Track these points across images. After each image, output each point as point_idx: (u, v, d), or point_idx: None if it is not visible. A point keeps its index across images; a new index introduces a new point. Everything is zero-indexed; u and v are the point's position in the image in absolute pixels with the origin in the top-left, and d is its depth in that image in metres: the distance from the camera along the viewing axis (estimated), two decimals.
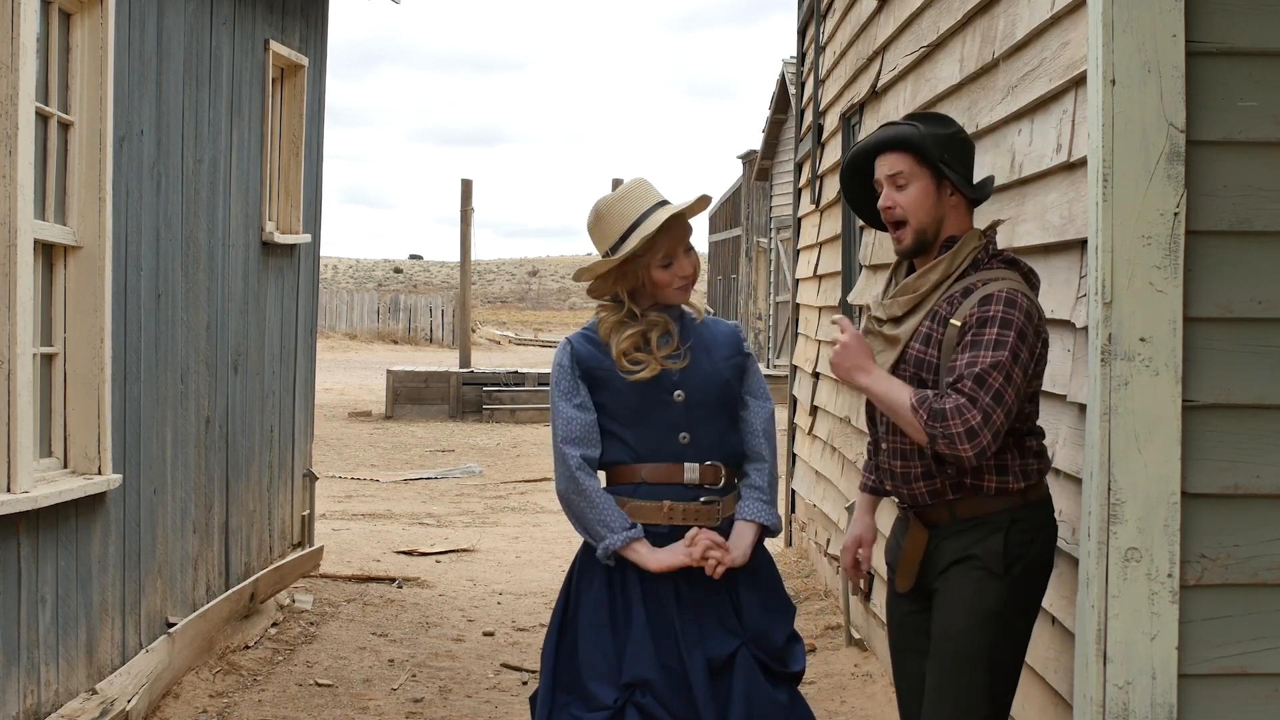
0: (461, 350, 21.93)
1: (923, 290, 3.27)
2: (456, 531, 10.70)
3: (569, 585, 3.65)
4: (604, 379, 3.57)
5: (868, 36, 6.58)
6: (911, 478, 3.27)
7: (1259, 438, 2.93)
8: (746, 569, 3.60)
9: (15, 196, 4.31)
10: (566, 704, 3.53)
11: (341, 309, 44.16)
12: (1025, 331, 3.10)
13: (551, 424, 3.63)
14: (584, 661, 3.53)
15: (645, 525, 3.54)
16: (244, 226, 6.83)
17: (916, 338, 3.25)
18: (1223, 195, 2.91)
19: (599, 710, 3.47)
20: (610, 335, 3.59)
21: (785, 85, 23.40)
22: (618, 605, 3.54)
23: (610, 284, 3.63)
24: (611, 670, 3.50)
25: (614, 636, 3.52)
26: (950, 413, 3.05)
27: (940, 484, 3.23)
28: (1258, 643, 2.93)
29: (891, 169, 3.28)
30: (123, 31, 5.22)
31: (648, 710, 3.44)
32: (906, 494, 3.30)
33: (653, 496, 3.54)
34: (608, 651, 3.51)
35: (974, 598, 3.22)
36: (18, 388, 4.33)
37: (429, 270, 77.54)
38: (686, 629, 3.50)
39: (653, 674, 3.46)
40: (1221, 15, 2.91)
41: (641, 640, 3.49)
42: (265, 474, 7.36)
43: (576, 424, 3.56)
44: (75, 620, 4.93)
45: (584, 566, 3.61)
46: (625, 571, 3.54)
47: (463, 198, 21.46)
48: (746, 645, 3.52)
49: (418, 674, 6.48)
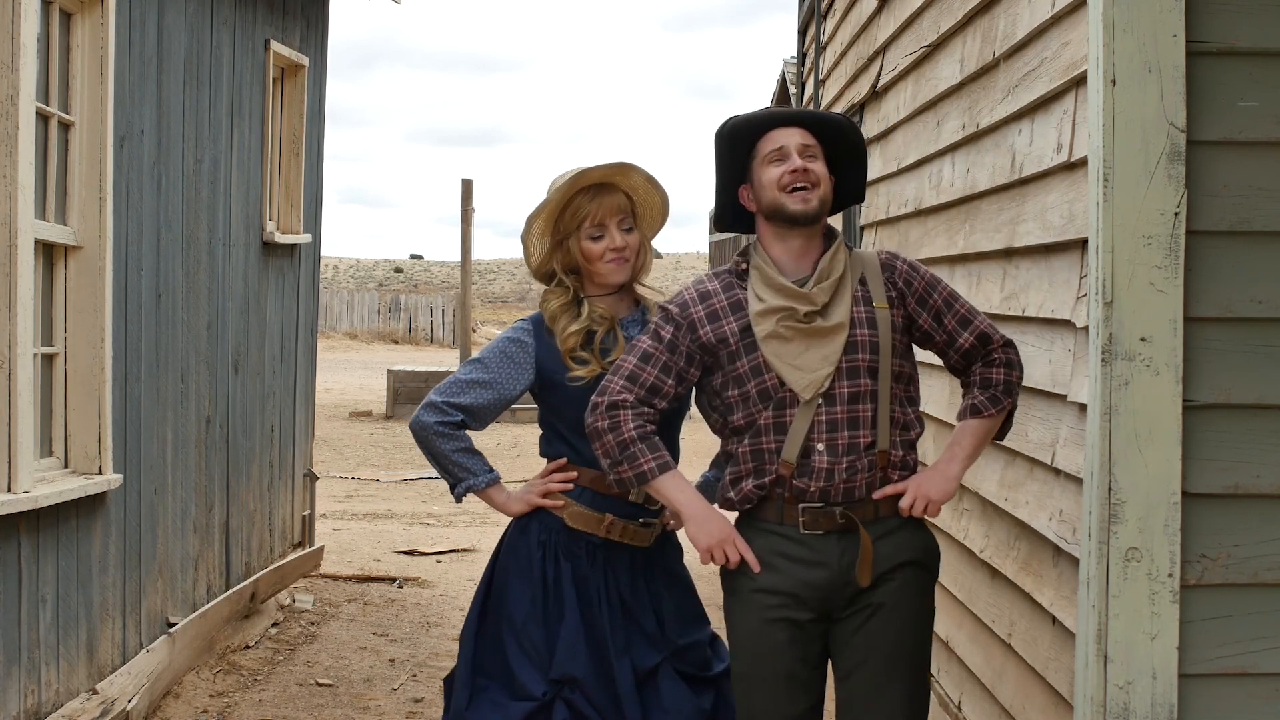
0: (462, 350, 21.91)
1: (837, 274, 3.26)
2: (457, 531, 10.70)
3: (492, 570, 3.62)
4: (557, 381, 3.54)
5: (868, 36, 6.58)
6: (858, 470, 3.21)
7: (1259, 438, 2.93)
8: (670, 576, 3.61)
9: (16, 196, 4.31)
10: (486, 688, 3.48)
11: (342, 309, 44.14)
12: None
13: (457, 371, 3.60)
14: (511, 649, 3.48)
15: (579, 532, 3.51)
16: (244, 226, 6.83)
17: (858, 323, 3.24)
18: (1223, 195, 2.91)
19: (526, 700, 3.42)
20: (555, 319, 3.56)
21: (786, 85, 23.40)
22: (549, 598, 3.50)
23: (549, 258, 3.61)
24: (540, 662, 3.45)
25: (545, 628, 3.48)
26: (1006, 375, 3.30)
27: (874, 477, 3.23)
28: (1258, 643, 2.93)
29: (805, 140, 3.29)
30: (123, 32, 5.22)
31: (577, 707, 3.40)
32: (844, 488, 3.21)
33: (596, 507, 3.51)
34: (537, 642, 3.47)
35: (925, 606, 3.30)
36: (18, 387, 4.33)
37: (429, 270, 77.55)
38: (615, 635, 3.47)
39: (583, 673, 3.42)
40: (1222, 15, 2.91)
41: (574, 638, 3.45)
42: (266, 474, 7.36)
43: (481, 397, 3.55)
44: (76, 620, 4.93)
45: (513, 553, 3.58)
46: (559, 566, 3.51)
47: (463, 198, 21.45)
48: (669, 660, 3.50)
49: (418, 674, 6.48)
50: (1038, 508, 3.64)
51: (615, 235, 3.52)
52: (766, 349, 3.22)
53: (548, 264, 3.61)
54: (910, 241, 5.42)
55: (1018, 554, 3.85)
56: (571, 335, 3.51)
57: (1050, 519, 3.53)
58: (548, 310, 3.57)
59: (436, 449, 3.54)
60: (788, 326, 3.21)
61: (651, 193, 3.61)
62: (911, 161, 5.41)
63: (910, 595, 3.25)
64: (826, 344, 3.20)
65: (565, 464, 3.56)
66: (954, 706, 4.61)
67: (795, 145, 3.27)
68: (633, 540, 3.53)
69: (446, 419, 3.52)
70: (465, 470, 3.57)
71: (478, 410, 3.55)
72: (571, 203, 3.54)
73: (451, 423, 3.53)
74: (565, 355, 3.51)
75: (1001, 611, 4.00)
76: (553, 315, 3.56)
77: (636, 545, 3.54)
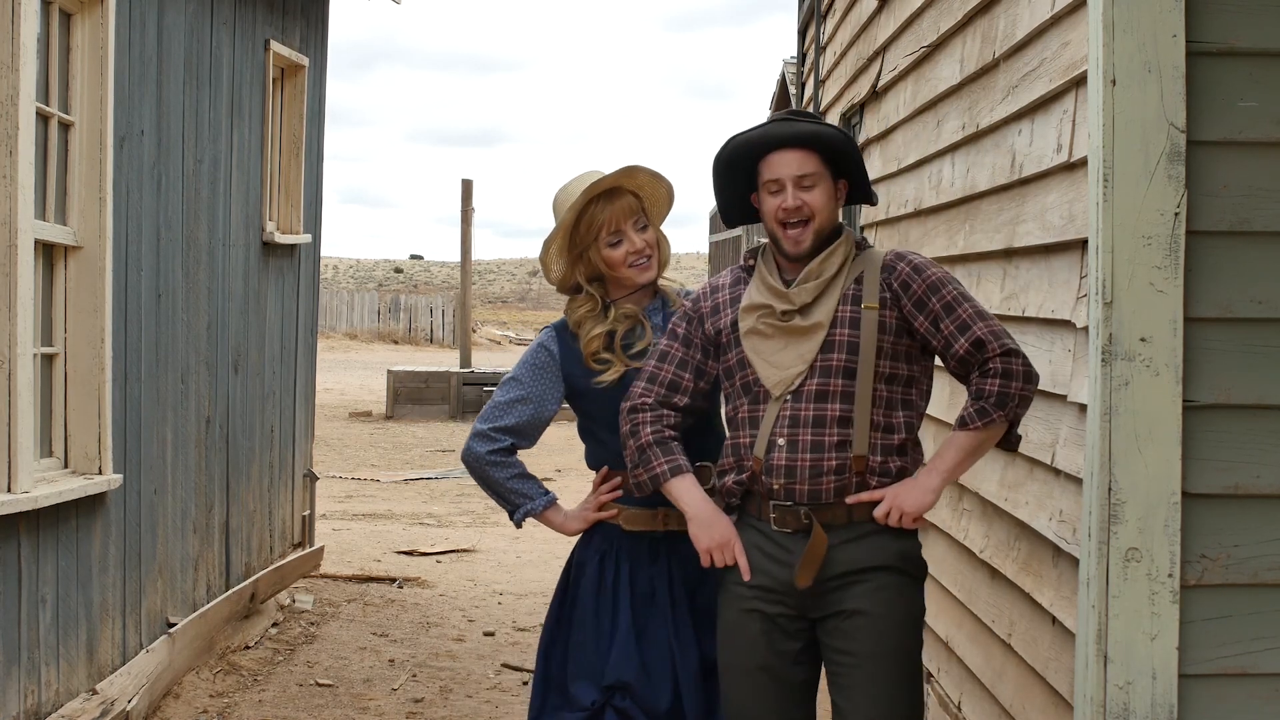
0: (462, 350, 21.92)
1: (828, 275, 3.25)
2: (457, 531, 10.70)
3: (565, 583, 3.65)
4: (582, 386, 3.56)
5: (868, 37, 6.57)
6: (822, 471, 3.19)
7: (1259, 438, 2.92)
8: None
9: (16, 196, 4.31)
10: (558, 706, 3.53)
11: (342, 309, 44.13)
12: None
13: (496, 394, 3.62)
14: (571, 661, 3.52)
15: (639, 532, 3.53)
16: (244, 226, 6.83)
17: (840, 322, 3.22)
18: (1223, 195, 2.91)
19: (578, 711, 3.46)
20: (580, 325, 3.58)
21: (786, 85, 23.38)
22: (605, 605, 3.52)
23: (570, 272, 3.62)
24: (595, 671, 3.48)
25: (597, 639, 3.51)
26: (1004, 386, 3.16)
27: (848, 480, 3.19)
28: (1258, 643, 2.93)
29: (801, 169, 3.25)
30: (123, 32, 5.22)
31: (626, 714, 3.42)
32: (808, 490, 3.20)
33: (648, 504, 3.52)
34: (592, 652, 3.50)
35: (907, 611, 3.25)
36: (18, 388, 4.33)
37: (429, 270, 77.50)
38: (681, 628, 3.49)
39: (633, 676, 3.43)
40: (1221, 15, 2.91)
41: (626, 641, 3.47)
42: (266, 474, 7.35)
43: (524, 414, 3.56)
44: (76, 620, 4.92)
45: (580, 569, 3.61)
46: (618, 570, 3.53)
47: (463, 198, 21.46)
48: None
49: (418, 674, 6.48)
50: (1038, 508, 3.64)
51: (633, 238, 3.55)
52: (746, 344, 3.29)
53: (570, 278, 3.63)
54: (910, 242, 5.42)
55: (1018, 554, 3.85)
56: (595, 338, 3.54)
57: (1050, 519, 3.53)
58: (574, 317, 3.60)
59: (491, 478, 3.58)
60: (767, 324, 3.28)
61: (656, 185, 3.63)
62: (911, 162, 5.41)
63: (884, 601, 3.20)
64: (803, 342, 3.23)
65: (608, 473, 3.58)
66: (954, 706, 4.61)
67: (790, 177, 3.26)
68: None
69: (497, 445, 3.56)
70: (522, 496, 3.60)
71: (523, 429, 3.59)
72: (584, 215, 3.56)
73: (502, 448, 3.56)
74: (588, 359, 3.53)
75: (1001, 611, 4.00)
76: (578, 321, 3.59)
77: None
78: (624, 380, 3.50)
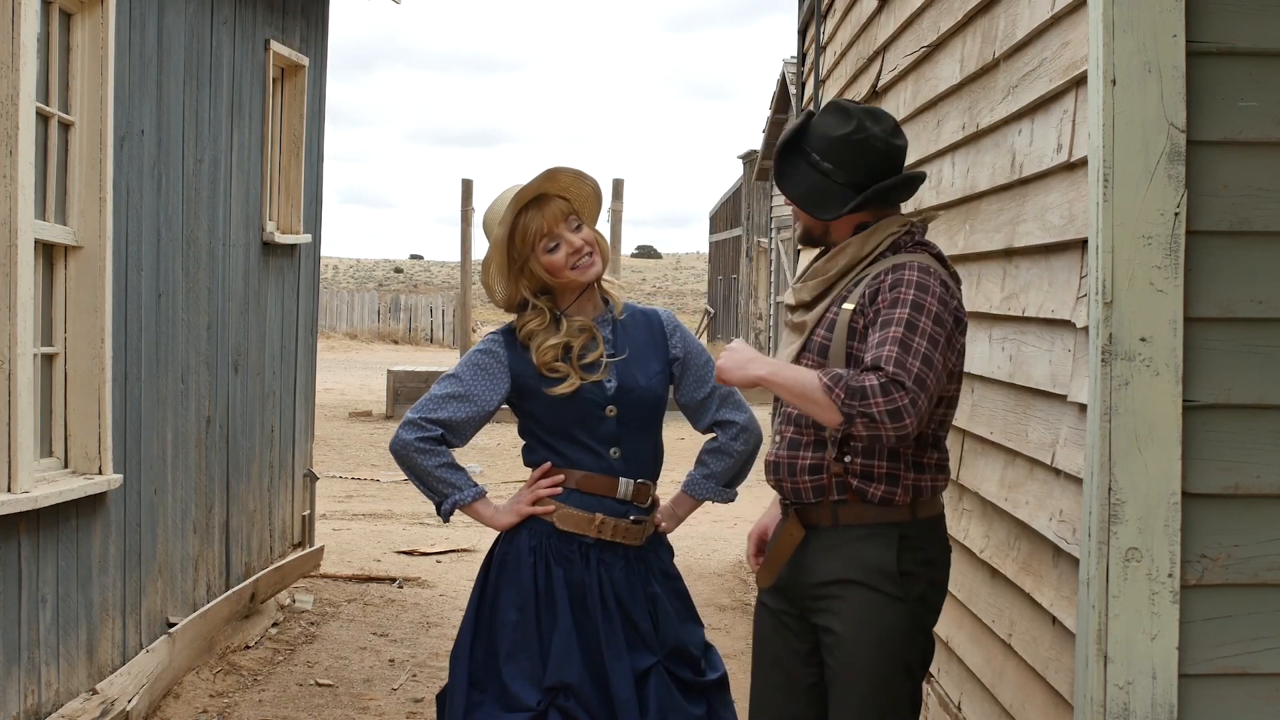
0: (462, 350, 21.93)
1: (830, 274, 3.19)
2: (457, 531, 10.70)
3: (483, 583, 3.58)
4: (532, 388, 3.52)
5: (868, 36, 6.57)
6: (798, 470, 3.15)
7: (1259, 438, 2.92)
8: (663, 576, 3.60)
9: (16, 196, 4.31)
10: (481, 703, 3.46)
11: (342, 309, 44.14)
12: (942, 317, 2.96)
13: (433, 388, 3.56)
14: (505, 661, 3.45)
15: (570, 534, 3.49)
16: (244, 226, 6.83)
17: (822, 323, 3.17)
18: (1223, 195, 2.91)
19: (521, 711, 3.40)
20: (531, 337, 3.53)
21: (786, 85, 23.39)
22: (542, 606, 3.47)
23: (514, 289, 3.57)
24: (535, 671, 3.43)
25: (539, 638, 3.45)
26: (870, 390, 2.82)
27: (827, 480, 3.12)
28: (1258, 643, 2.93)
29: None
30: (123, 32, 5.22)
31: (571, 714, 3.39)
32: (790, 488, 3.17)
33: (585, 507, 3.49)
34: (531, 652, 3.44)
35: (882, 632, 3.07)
36: (18, 388, 4.33)
37: (429, 270, 77.50)
38: (612, 638, 3.45)
39: (576, 679, 3.40)
40: (1222, 15, 2.91)
41: (568, 644, 3.42)
42: (266, 474, 7.36)
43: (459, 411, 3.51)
44: (76, 620, 4.93)
45: (502, 565, 3.54)
46: (550, 572, 3.48)
47: (463, 198, 21.48)
48: (662, 663, 3.48)
49: (418, 674, 6.48)
50: (1038, 508, 3.64)
51: (570, 238, 3.51)
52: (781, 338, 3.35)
53: (516, 295, 3.58)
54: None
55: (1018, 554, 3.84)
56: (548, 349, 3.49)
57: (1050, 519, 3.53)
58: (525, 331, 3.54)
59: (418, 465, 3.50)
60: (786, 320, 3.31)
61: (581, 185, 3.57)
62: (911, 162, 5.41)
63: (855, 622, 3.07)
64: (795, 340, 3.24)
65: (551, 468, 3.53)
66: (954, 707, 4.61)
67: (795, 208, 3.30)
68: (624, 539, 3.52)
69: (426, 434, 3.48)
70: (450, 485, 3.53)
71: (457, 425, 3.52)
72: (516, 226, 3.52)
73: (431, 437, 3.49)
74: (541, 369, 3.49)
75: (1001, 612, 4.00)
76: (529, 334, 3.53)
77: (628, 544, 3.53)
78: (578, 393, 3.47)
